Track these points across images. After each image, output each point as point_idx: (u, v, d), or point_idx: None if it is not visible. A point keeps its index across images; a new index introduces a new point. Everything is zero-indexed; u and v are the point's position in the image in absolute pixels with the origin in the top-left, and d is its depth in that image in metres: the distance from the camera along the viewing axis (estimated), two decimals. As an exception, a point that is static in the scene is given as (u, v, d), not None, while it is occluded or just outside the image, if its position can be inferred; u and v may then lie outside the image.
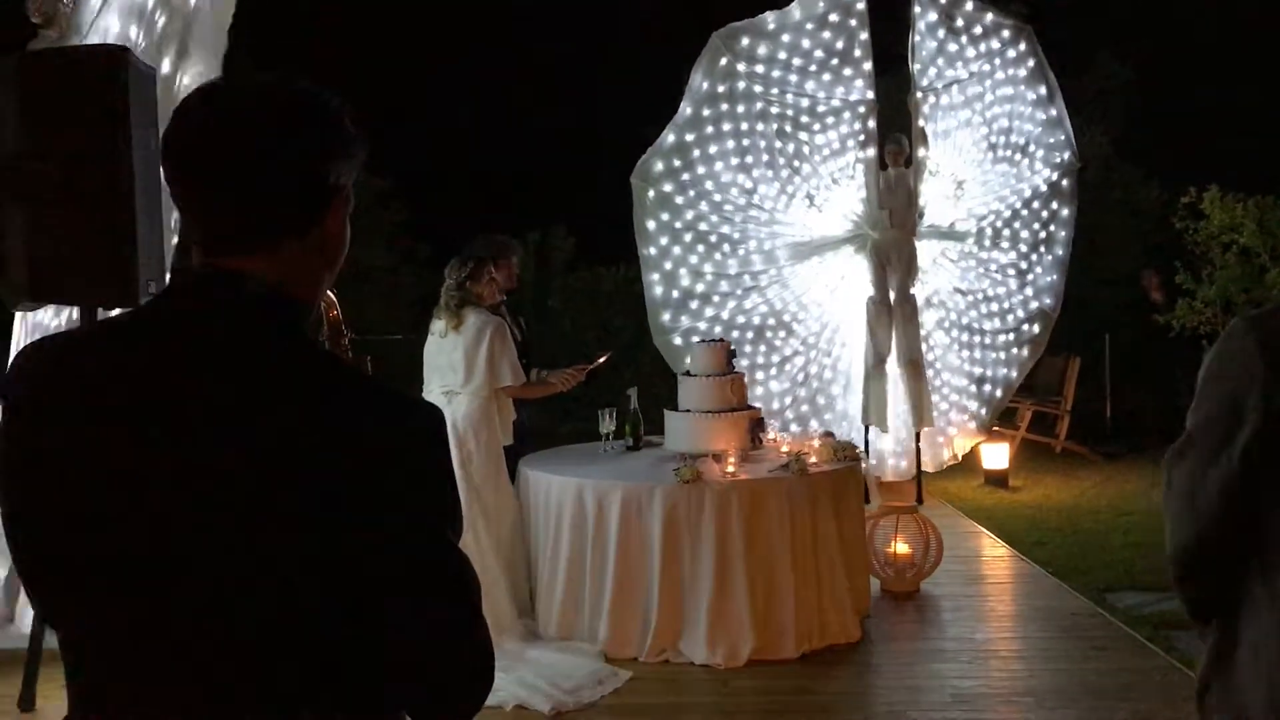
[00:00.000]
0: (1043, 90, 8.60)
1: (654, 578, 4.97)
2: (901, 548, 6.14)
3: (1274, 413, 1.46)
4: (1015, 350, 9.02)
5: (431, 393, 5.32)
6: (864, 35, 8.17)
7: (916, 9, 8.17)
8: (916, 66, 8.19)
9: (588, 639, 5.06)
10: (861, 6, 8.17)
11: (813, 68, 8.27)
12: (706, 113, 8.32)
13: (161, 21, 3.81)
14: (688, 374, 5.89)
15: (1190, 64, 14.49)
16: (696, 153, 8.36)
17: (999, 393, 9.10)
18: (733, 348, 6.00)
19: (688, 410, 5.76)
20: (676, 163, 8.36)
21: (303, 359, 1.25)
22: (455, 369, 5.22)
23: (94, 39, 3.73)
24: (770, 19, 8.24)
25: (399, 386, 1.29)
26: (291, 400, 1.18)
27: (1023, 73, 8.54)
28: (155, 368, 1.20)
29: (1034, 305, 8.93)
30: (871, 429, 8.51)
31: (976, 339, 9.00)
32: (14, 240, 2.63)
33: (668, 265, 8.53)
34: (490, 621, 4.56)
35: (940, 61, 8.28)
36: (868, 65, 8.21)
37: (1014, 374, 9.06)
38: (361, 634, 1.18)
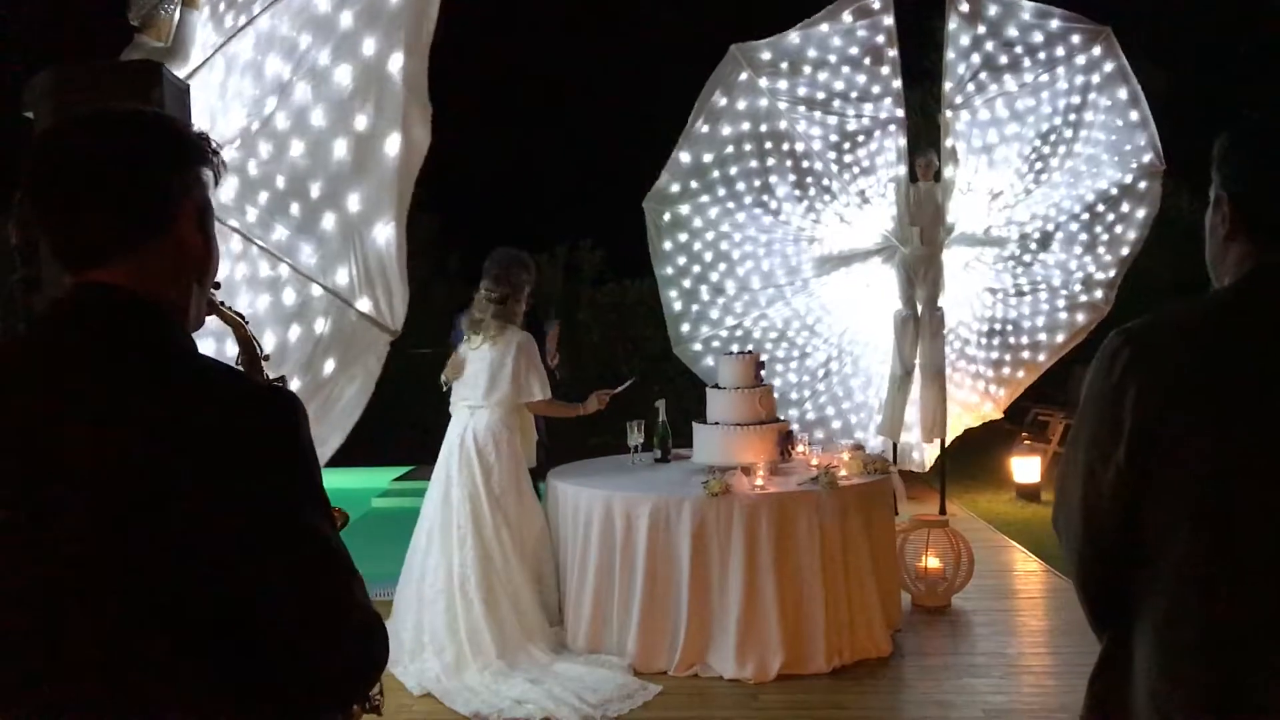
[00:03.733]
0: (1123, 94, 8.20)
1: (683, 591, 4.95)
2: (933, 562, 6.09)
3: (1142, 424, 1.55)
4: (1044, 337, 8.73)
5: (455, 406, 5.34)
6: (893, 52, 8.00)
7: (952, 26, 7.97)
8: (948, 85, 8.02)
9: (616, 652, 5.05)
10: (889, 22, 7.96)
11: (839, 85, 8.10)
12: (726, 131, 8.15)
13: (349, 79, 3.64)
14: (716, 386, 5.88)
15: (1224, 73, 14.35)
16: (716, 173, 8.20)
17: (1020, 374, 8.81)
18: (762, 359, 5.98)
19: (716, 423, 5.74)
20: (694, 184, 8.21)
21: (160, 358, 1.33)
22: (478, 382, 5.24)
23: (217, 68, 3.65)
24: (794, 35, 8.06)
25: (254, 377, 1.35)
26: (146, 399, 1.27)
27: (1096, 78, 8.20)
28: (28, 384, 1.30)
29: (1083, 299, 8.63)
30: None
31: (999, 326, 8.74)
32: (47, 259, 2.66)
33: (686, 283, 8.45)
34: (518, 631, 4.58)
35: (983, 75, 8.05)
36: (897, 83, 8.05)
37: (1041, 358, 8.77)
38: (232, 623, 1.26)
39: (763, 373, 5.90)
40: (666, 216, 8.31)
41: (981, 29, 8.02)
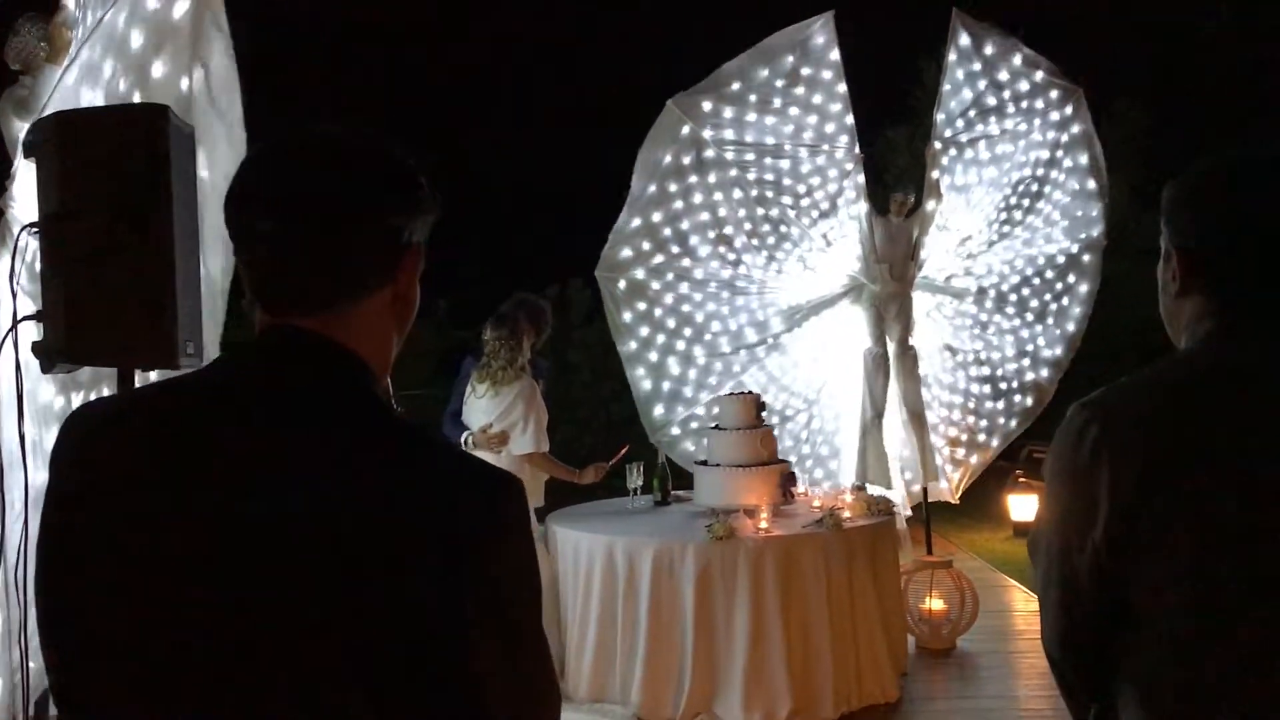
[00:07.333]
0: (1083, 159, 8.02)
1: (687, 637, 4.85)
2: (937, 604, 6.02)
3: (1119, 505, 1.45)
4: (1003, 420, 8.38)
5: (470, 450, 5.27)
6: (841, 88, 7.52)
7: (952, 57, 7.67)
8: (940, 116, 7.73)
9: (620, 701, 4.94)
10: (835, 57, 7.46)
11: (788, 128, 7.61)
12: (673, 188, 7.57)
13: (137, 97, 3.63)
14: (717, 427, 5.81)
15: (1207, 108, 14.53)
16: (668, 231, 7.63)
17: (974, 459, 8.39)
18: (762, 399, 5.91)
19: (718, 464, 5.67)
20: (646, 246, 7.64)
21: (382, 423, 1.16)
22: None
23: (57, 99, 3.64)
24: (734, 78, 7.47)
25: (479, 458, 1.22)
26: (372, 467, 1.09)
27: (1065, 138, 8.01)
28: (221, 432, 1.11)
29: (1030, 377, 8.32)
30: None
31: (958, 400, 8.39)
32: (52, 302, 2.59)
33: (653, 356, 7.84)
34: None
35: (972, 113, 7.79)
36: (849, 119, 7.59)
37: (995, 442, 8.40)
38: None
39: (763, 413, 5.82)
40: (622, 284, 7.71)
41: (977, 65, 7.77)
